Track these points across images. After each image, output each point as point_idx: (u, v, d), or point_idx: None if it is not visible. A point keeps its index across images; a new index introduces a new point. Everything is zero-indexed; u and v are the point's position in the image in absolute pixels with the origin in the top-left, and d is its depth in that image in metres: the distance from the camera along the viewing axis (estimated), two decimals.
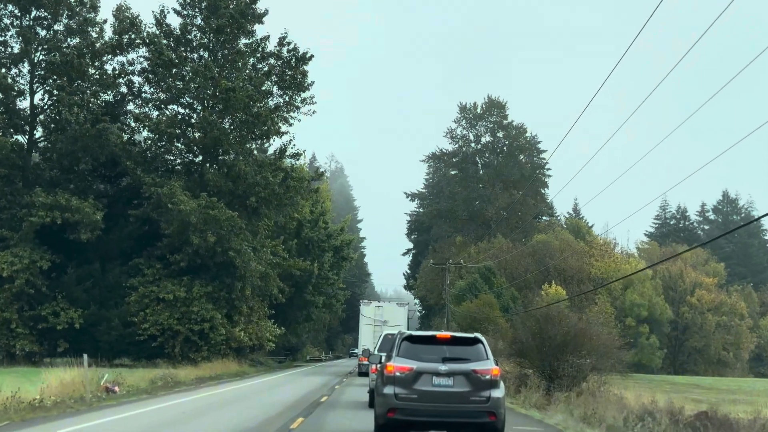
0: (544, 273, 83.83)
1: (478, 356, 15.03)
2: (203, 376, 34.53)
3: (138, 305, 50.20)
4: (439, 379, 14.63)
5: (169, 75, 52.06)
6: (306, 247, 66.20)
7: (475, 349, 15.19)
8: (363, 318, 57.69)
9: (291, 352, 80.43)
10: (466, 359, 14.94)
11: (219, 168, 53.73)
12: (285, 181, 53.27)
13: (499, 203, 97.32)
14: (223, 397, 24.90)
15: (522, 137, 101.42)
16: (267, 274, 54.20)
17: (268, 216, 54.78)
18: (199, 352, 50.49)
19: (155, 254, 52.01)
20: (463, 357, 14.99)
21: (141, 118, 51.73)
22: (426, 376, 14.65)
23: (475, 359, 14.95)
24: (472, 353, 15.10)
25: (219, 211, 48.95)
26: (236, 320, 52.42)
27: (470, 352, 15.12)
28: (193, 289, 50.44)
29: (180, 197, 48.41)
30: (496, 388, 14.77)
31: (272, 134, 54.35)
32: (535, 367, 28.72)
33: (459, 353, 15.07)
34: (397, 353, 15.20)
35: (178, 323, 49.96)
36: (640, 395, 25.31)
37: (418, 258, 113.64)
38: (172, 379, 29.00)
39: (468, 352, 15.12)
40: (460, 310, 65.94)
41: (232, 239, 49.96)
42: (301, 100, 55.17)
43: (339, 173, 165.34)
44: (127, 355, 51.96)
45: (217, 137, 50.95)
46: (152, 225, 52.67)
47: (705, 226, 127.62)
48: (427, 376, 14.64)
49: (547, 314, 28.97)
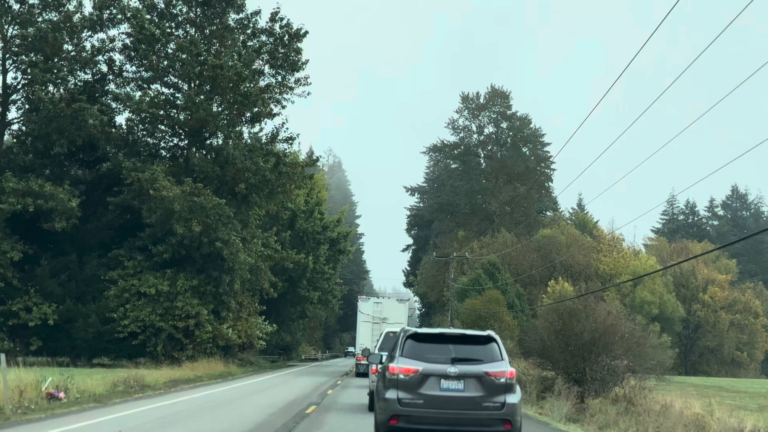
0: (550, 269, 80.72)
1: (491, 357, 13.64)
2: (179, 378, 30.54)
3: (117, 300, 46.41)
4: (448, 382, 13.26)
5: (152, 52, 48.16)
6: (300, 239, 62.26)
7: (488, 348, 13.78)
8: (361, 315, 54.77)
9: (285, 351, 76.39)
10: (478, 360, 13.54)
11: (206, 152, 49.91)
12: (277, 167, 49.44)
13: (503, 197, 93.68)
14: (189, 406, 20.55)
15: (527, 128, 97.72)
16: (257, 266, 50.45)
17: (258, 204, 50.91)
18: (183, 351, 46.84)
19: (136, 245, 48.20)
20: (474, 357, 13.58)
21: (121, 98, 47.79)
22: (433, 378, 13.28)
23: (489, 360, 13.56)
24: (485, 353, 13.70)
25: (205, 198, 45.19)
26: (224, 316, 48.66)
27: (482, 352, 13.71)
28: (177, 282, 46.69)
29: (162, 183, 44.65)
30: (511, 393, 13.38)
31: (264, 117, 50.51)
32: (559, 369, 24.94)
33: (470, 353, 13.65)
34: (400, 353, 13.73)
35: (160, 320, 46.22)
36: (688, 403, 21.46)
37: (418, 254, 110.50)
38: (137, 383, 25.09)
39: (480, 352, 13.70)
40: (465, 306, 62.21)
41: (220, 229, 46.17)
42: (295, 81, 51.40)
43: (337, 168, 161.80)
44: (106, 354, 48.16)
45: (204, 118, 47.10)
46: (133, 214, 48.92)
47: (714, 221, 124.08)
48: (434, 379, 13.27)
49: (571, 308, 25.19)
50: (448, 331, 14.39)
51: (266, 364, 58.84)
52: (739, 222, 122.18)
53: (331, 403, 24.39)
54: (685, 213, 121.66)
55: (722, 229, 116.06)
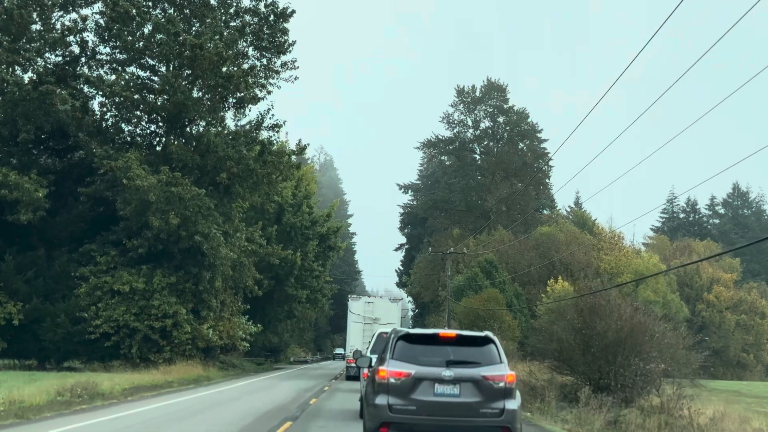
0: (549, 268, 77.75)
1: (489, 359, 12.87)
2: (142, 384, 26.97)
3: (89, 298, 42.99)
4: (443, 386, 12.50)
5: (127, 32, 44.75)
6: (288, 234, 58.73)
7: (486, 350, 12.99)
8: (351, 315, 51.98)
9: (272, 353, 72.76)
10: (476, 363, 12.77)
11: (185, 140, 46.47)
12: (262, 156, 46.04)
13: (500, 193, 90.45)
14: (131, 422, 16.63)
15: (524, 122, 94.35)
16: (240, 262, 47.02)
17: (242, 196, 47.46)
18: (160, 353, 43.49)
19: (110, 239, 44.76)
20: (471, 360, 12.82)
21: (93, 80, 44.28)
22: (427, 383, 12.50)
23: (486, 363, 12.78)
24: (483, 356, 12.92)
25: (183, 188, 41.79)
26: (204, 316, 45.25)
27: (480, 355, 12.93)
28: (153, 279, 43.30)
29: (137, 171, 41.23)
30: (510, 398, 12.59)
31: (248, 102, 47.11)
32: (579, 373, 21.60)
33: (466, 355, 12.90)
34: (391, 355, 12.88)
35: (135, 319, 42.84)
36: (730, 412, 18.12)
37: (411, 253, 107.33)
38: (88, 391, 21.64)
39: (477, 355, 12.93)
40: (461, 305, 58.93)
41: (199, 222, 42.77)
42: (282, 64, 48.02)
43: (328, 166, 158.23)
44: (77, 357, 44.70)
45: (183, 103, 43.66)
46: (107, 206, 45.53)
47: (715, 219, 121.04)
48: (428, 384, 12.49)
49: (593, 304, 21.88)
50: (442, 332, 13.34)
51: (251, 367, 55.33)
52: (740, 220, 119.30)
53: (314, 414, 20.95)
54: (686, 211, 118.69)
55: (724, 227, 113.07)
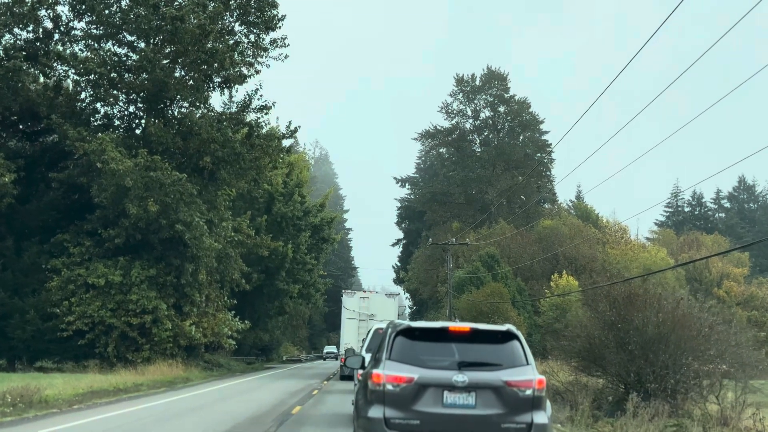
0: (553, 263, 74.83)
1: (512, 360, 10.34)
2: (103, 389, 23.39)
3: (61, 293, 39.63)
4: (454, 395, 9.96)
5: (103, 4, 41.37)
6: (278, 224, 55.23)
7: (509, 348, 10.49)
8: (345, 311, 49.37)
9: (263, 352, 69.25)
10: (495, 365, 10.25)
11: (167, 122, 43.09)
12: (249, 139, 42.70)
13: (500, 186, 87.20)
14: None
15: (525, 112, 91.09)
16: (226, 254, 43.68)
17: (228, 183, 44.10)
18: (139, 352, 40.18)
19: (85, 229, 41.38)
20: (489, 361, 10.29)
21: (66, 57, 40.85)
22: (433, 390, 9.97)
23: (509, 364, 10.26)
24: (504, 355, 10.40)
25: (163, 173, 38.43)
26: (187, 312, 41.89)
27: (501, 354, 10.42)
28: (131, 272, 39.95)
29: (111, 154, 37.86)
30: (539, 410, 10.07)
31: (234, 81, 43.75)
32: (611, 374, 18.34)
33: (484, 355, 10.38)
34: (388, 355, 10.39)
35: (112, 315, 39.51)
36: None
37: (409, 248, 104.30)
38: (24, 399, 18.17)
39: (497, 354, 10.41)
40: (464, 300, 55.77)
41: (181, 209, 39.43)
42: (271, 41, 44.61)
43: (323, 160, 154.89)
44: (49, 356, 41.34)
45: (162, 80, 40.31)
46: (82, 193, 42.21)
47: (720, 214, 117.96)
48: (435, 391, 9.97)
49: (629, 294, 18.62)
50: (453, 325, 10.85)
51: (239, 367, 51.91)
52: (746, 214, 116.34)
53: (294, 429, 17.53)
54: (692, 205, 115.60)
55: (731, 221, 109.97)
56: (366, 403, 10.36)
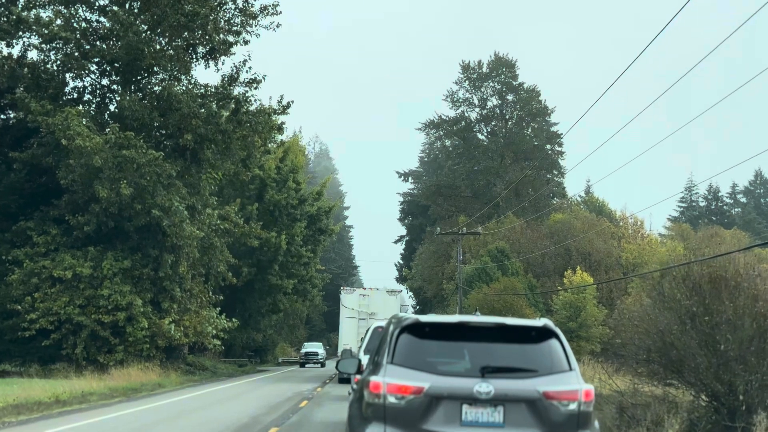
0: (566, 258, 70.77)
1: (550, 364, 7.79)
2: (42, 400, 18.16)
3: (23, 287, 35.23)
4: (477, 410, 7.55)
5: None
6: (271, 213, 50.70)
7: (546, 349, 7.88)
8: (344, 310, 45.58)
9: (257, 354, 64.71)
10: (529, 370, 7.76)
11: (144, 96, 38.62)
12: (236, 115, 38.21)
13: (509, 178, 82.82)
14: None
15: (535, 101, 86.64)
16: (211, 243, 39.20)
17: (212, 164, 39.62)
18: (112, 354, 35.80)
19: (51, 216, 36.95)
20: (521, 366, 7.79)
21: (28, 20, 36.34)
22: (449, 404, 7.54)
23: (547, 371, 7.73)
24: (540, 358, 7.84)
25: (137, 152, 34.00)
26: (166, 308, 37.41)
27: (536, 357, 7.85)
28: (103, 264, 35.55)
29: (78, 129, 33.43)
30: (586, 429, 7.59)
31: (220, 52, 39.30)
32: (689, 383, 13.84)
33: (513, 358, 7.83)
34: (390, 358, 7.93)
35: (80, 313, 35.15)
36: None
37: (412, 245, 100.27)
38: None
39: (531, 357, 7.86)
40: (473, 295, 51.46)
41: (158, 192, 35.02)
42: (261, 9, 40.13)
43: (323, 156, 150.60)
44: (9, 359, 36.80)
45: (137, 46, 35.85)
46: (49, 175, 37.72)
47: (736, 208, 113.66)
48: (451, 405, 7.54)
49: (714, 277, 14.17)
50: (472, 320, 8.18)
51: (227, 370, 47.31)
52: (763, 209, 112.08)
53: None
54: (708, 199, 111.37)
55: (748, 216, 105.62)
56: (362, 420, 8.07)
